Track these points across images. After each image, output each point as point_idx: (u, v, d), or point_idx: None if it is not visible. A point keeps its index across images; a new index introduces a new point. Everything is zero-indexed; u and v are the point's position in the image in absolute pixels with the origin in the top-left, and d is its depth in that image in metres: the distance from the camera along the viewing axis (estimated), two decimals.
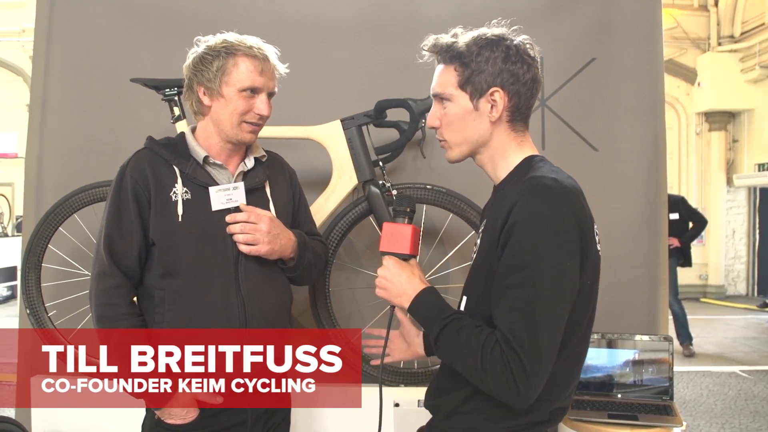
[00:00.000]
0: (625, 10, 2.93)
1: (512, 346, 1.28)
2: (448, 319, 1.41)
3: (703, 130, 11.76)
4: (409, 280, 1.51)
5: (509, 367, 1.28)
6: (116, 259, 1.75)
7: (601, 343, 2.57)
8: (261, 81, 1.77)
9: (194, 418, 1.77)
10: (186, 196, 1.77)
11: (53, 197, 2.71)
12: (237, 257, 1.80)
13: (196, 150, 1.82)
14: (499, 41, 1.45)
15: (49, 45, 2.98)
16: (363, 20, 2.95)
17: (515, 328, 1.29)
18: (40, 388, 2.65)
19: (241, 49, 1.76)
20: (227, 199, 1.80)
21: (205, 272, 1.77)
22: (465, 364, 1.37)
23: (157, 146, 1.83)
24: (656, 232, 2.91)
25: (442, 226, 2.77)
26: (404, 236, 1.54)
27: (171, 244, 1.75)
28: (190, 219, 1.76)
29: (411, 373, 2.61)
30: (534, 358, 1.28)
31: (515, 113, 1.47)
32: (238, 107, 1.77)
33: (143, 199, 1.76)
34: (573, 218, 1.34)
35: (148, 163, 1.79)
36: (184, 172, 1.79)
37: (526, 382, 1.28)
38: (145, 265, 1.79)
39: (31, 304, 2.64)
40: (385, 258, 1.55)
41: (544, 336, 1.29)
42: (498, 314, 1.34)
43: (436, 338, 1.43)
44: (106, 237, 1.75)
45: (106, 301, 1.74)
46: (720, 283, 11.74)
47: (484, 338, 1.33)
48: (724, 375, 6.12)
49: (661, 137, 2.93)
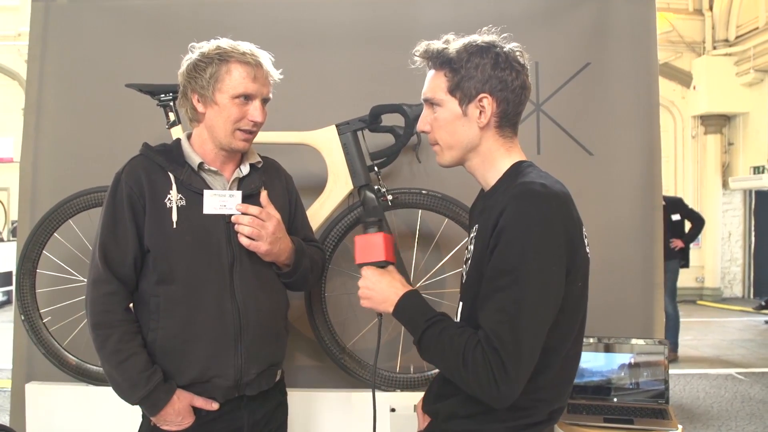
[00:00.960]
0: (620, 15, 2.94)
1: (494, 347, 1.31)
2: (430, 321, 1.45)
3: (699, 133, 11.78)
4: (390, 284, 1.54)
5: (490, 367, 1.31)
6: (111, 266, 1.74)
7: (598, 347, 2.58)
8: (254, 87, 1.76)
9: (190, 424, 1.77)
10: (180, 203, 1.77)
11: (48, 202, 2.71)
12: (231, 264, 1.80)
13: (191, 156, 1.82)
14: (488, 48, 1.47)
15: (44, 50, 2.98)
16: (359, 26, 2.95)
17: (498, 329, 1.32)
18: (35, 395, 2.67)
19: (233, 55, 1.75)
20: (221, 205, 1.79)
21: (199, 279, 1.76)
22: (447, 363, 1.40)
23: (152, 152, 1.83)
24: (651, 236, 2.91)
25: (437, 231, 2.78)
26: (376, 244, 1.58)
27: (165, 251, 1.75)
28: (184, 226, 1.76)
29: (407, 379, 2.61)
30: (515, 359, 1.31)
31: (503, 119, 1.49)
32: (232, 114, 1.76)
33: (138, 206, 1.75)
34: (561, 223, 1.37)
35: (143, 169, 1.79)
36: (179, 179, 1.78)
37: (507, 382, 1.31)
38: (140, 272, 1.79)
39: (26, 311, 2.63)
40: (362, 269, 1.58)
41: (526, 338, 1.32)
42: (483, 315, 1.36)
43: (419, 339, 1.46)
44: (101, 244, 1.75)
45: (102, 307, 1.74)
46: (716, 286, 11.75)
47: (466, 338, 1.37)
48: (720, 377, 6.12)
49: (656, 141, 2.93)
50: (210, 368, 1.77)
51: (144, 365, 1.72)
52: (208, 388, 1.78)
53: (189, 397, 1.77)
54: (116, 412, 2.51)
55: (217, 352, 1.77)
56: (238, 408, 1.84)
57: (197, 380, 1.77)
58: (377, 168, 2.55)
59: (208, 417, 1.79)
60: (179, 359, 1.76)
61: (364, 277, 1.57)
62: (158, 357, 1.76)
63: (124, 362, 1.71)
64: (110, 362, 1.72)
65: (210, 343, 1.77)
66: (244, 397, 1.84)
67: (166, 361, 1.76)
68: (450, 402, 1.52)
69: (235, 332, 1.78)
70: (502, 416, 1.44)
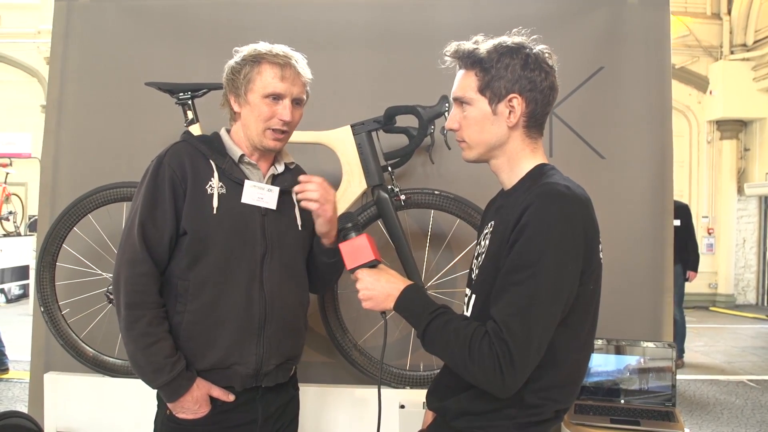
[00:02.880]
0: (634, 19, 2.95)
1: (503, 338, 1.35)
2: (435, 313, 1.48)
3: (715, 138, 11.70)
4: (388, 281, 1.58)
5: (496, 358, 1.35)
6: (149, 246, 1.77)
7: (608, 349, 2.60)
8: (283, 87, 1.81)
9: (205, 413, 1.80)
10: (221, 191, 1.82)
11: (68, 197, 2.77)
12: (263, 255, 1.84)
13: (233, 148, 1.88)
14: (518, 49, 1.50)
15: (65, 48, 3.04)
16: (374, 28, 2.99)
17: (510, 322, 1.36)
18: (53, 385, 2.72)
19: (266, 56, 1.82)
20: (259, 197, 1.85)
21: (231, 266, 1.81)
22: (452, 354, 1.44)
23: (196, 141, 1.89)
24: (661, 240, 2.92)
25: (449, 231, 2.81)
26: (363, 246, 1.62)
27: (203, 235, 1.79)
28: (224, 212, 1.80)
29: (416, 376, 2.64)
30: (524, 351, 1.35)
31: (531, 119, 1.53)
32: (262, 113, 1.82)
33: (179, 189, 1.79)
34: (581, 225, 1.41)
35: (186, 155, 1.83)
36: (220, 168, 1.84)
37: (512, 374, 1.35)
38: (171, 255, 1.82)
39: (45, 303, 2.69)
40: (355, 273, 1.62)
41: (536, 333, 1.36)
42: (496, 307, 1.40)
43: (423, 331, 1.49)
44: (140, 224, 1.77)
45: (137, 287, 1.76)
46: (729, 292, 11.66)
47: (472, 330, 1.40)
48: (731, 384, 6.10)
49: (668, 146, 2.94)
50: (232, 355, 1.81)
51: (170, 351, 1.75)
52: (227, 374, 1.82)
53: (207, 386, 1.80)
54: (132, 402, 2.59)
55: (240, 339, 1.81)
56: (253, 400, 1.87)
57: (218, 366, 1.81)
58: (391, 168, 2.58)
59: (224, 407, 1.83)
60: (203, 343, 1.80)
61: (360, 279, 1.60)
62: (182, 340, 1.79)
63: (152, 346, 1.74)
64: (137, 344, 1.74)
65: (235, 329, 1.80)
66: (260, 389, 1.88)
67: (189, 345, 1.80)
68: (459, 399, 1.54)
69: (260, 321, 1.83)
70: (512, 413, 1.47)
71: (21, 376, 5.70)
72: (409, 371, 2.66)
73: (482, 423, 1.51)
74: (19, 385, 5.56)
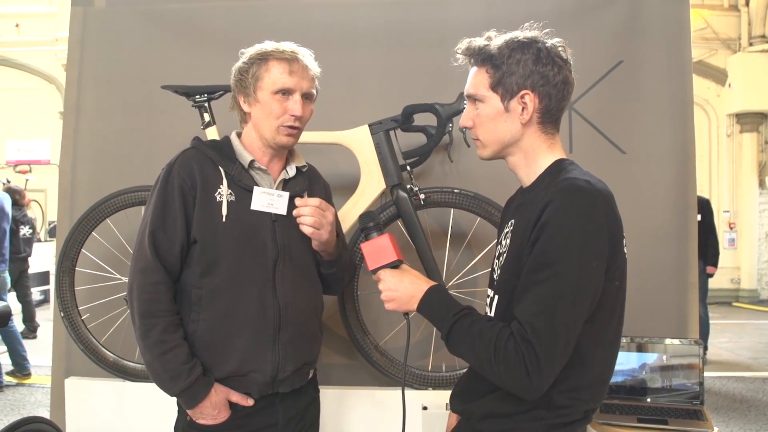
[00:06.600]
0: (653, 13, 2.91)
1: (528, 339, 1.32)
2: (459, 315, 1.45)
3: (734, 131, 11.57)
4: (411, 282, 1.55)
5: (522, 359, 1.32)
6: (160, 255, 1.77)
7: (630, 346, 2.56)
8: (292, 81, 1.80)
9: (225, 418, 1.79)
10: (230, 198, 1.81)
11: (87, 203, 2.77)
12: (275, 261, 1.83)
13: (243, 154, 1.87)
14: (530, 44, 1.47)
15: (82, 53, 3.06)
16: (390, 26, 2.97)
17: (534, 322, 1.32)
18: (74, 390, 2.73)
19: (272, 53, 1.81)
20: (268, 203, 1.83)
21: (243, 273, 1.79)
22: (477, 356, 1.40)
23: (205, 147, 1.88)
24: (685, 235, 2.87)
25: (469, 230, 2.78)
26: (385, 246, 1.58)
27: (213, 243, 1.78)
28: (233, 220, 1.79)
29: (439, 377, 2.61)
30: (550, 351, 1.32)
31: (546, 115, 1.50)
32: (273, 110, 1.80)
33: (189, 197, 1.79)
34: (604, 220, 1.37)
35: (196, 162, 1.82)
36: (229, 174, 1.83)
37: (539, 375, 1.32)
38: (183, 263, 1.82)
39: (65, 308, 2.70)
40: (378, 274, 1.59)
41: (562, 332, 1.33)
42: (520, 307, 1.36)
43: (447, 333, 1.46)
44: (151, 233, 1.77)
45: (150, 296, 1.76)
46: (753, 287, 11.52)
47: (497, 331, 1.37)
48: (757, 380, 6.00)
49: (690, 140, 2.90)
50: (248, 362, 1.79)
51: (186, 357, 1.74)
52: (244, 382, 1.81)
53: (226, 391, 1.79)
54: (153, 407, 2.58)
55: (256, 347, 1.80)
56: (272, 404, 1.86)
57: (234, 374, 1.80)
58: (410, 167, 2.56)
59: (244, 412, 1.82)
60: (218, 352, 1.79)
61: (383, 280, 1.57)
62: (197, 349, 1.78)
63: (167, 353, 1.73)
64: (153, 352, 1.74)
65: (250, 337, 1.79)
66: (279, 394, 1.86)
67: (205, 353, 1.79)
68: (485, 401, 1.51)
69: (275, 328, 1.81)
70: (540, 415, 1.44)
71: (42, 381, 5.75)
72: (431, 372, 2.63)
73: (510, 425, 1.48)
74: (41, 390, 5.61)
